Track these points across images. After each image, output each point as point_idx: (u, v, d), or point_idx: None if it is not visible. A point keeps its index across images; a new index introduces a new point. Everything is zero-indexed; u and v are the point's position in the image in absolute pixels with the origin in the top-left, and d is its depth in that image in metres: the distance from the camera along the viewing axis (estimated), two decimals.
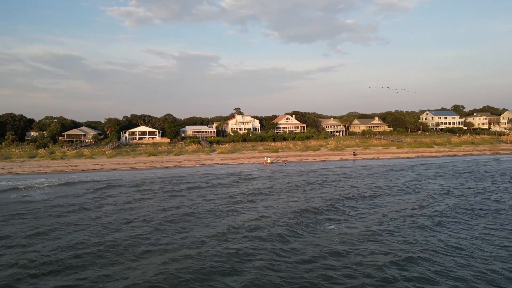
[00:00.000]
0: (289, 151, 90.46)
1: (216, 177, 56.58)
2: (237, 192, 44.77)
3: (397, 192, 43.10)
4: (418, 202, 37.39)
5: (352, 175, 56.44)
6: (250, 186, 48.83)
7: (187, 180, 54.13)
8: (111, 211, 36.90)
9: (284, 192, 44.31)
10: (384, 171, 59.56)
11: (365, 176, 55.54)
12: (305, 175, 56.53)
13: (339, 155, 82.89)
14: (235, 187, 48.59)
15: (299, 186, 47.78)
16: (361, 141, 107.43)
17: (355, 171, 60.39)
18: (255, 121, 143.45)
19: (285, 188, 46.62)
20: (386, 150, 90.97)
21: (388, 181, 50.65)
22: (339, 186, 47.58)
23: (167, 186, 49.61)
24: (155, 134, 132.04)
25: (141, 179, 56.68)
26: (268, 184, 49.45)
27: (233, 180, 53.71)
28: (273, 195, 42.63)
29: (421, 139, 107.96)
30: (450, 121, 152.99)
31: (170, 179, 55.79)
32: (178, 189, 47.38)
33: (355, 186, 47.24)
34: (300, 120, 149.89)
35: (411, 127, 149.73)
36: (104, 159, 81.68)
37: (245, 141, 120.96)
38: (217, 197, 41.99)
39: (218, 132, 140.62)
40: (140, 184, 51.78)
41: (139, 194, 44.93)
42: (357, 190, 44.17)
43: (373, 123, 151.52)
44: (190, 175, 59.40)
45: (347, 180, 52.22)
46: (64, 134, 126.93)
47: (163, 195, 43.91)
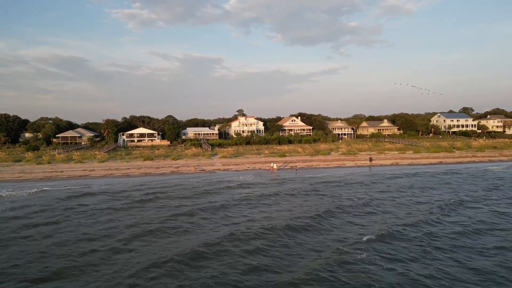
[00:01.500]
0: (297, 156, 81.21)
1: (214, 188, 46.56)
2: (239, 221, 30.47)
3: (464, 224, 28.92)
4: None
5: (380, 187, 46.04)
6: (256, 208, 35.60)
7: (176, 193, 44.77)
8: (65, 227, 28.66)
9: (309, 229, 28.10)
10: (415, 183, 50.02)
11: (399, 190, 44.02)
12: (322, 187, 46.73)
13: (353, 161, 73.57)
14: (235, 208, 35.58)
15: (326, 213, 32.52)
16: (373, 145, 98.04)
17: (379, 181, 50.61)
18: (259, 123, 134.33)
19: (307, 214, 32.26)
20: (403, 154, 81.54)
21: (428, 197, 39.37)
22: (376, 208, 34.25)
23: (152, 198, 40.35)
24: (155, 136, 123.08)
25: (128, 187, 47.42)
26: (283, 206, 36.43)
27: (234, 195, 44.08)
28: (297, 236, 26.49)
29: (437, 143, 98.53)
30: (462, 123, 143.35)
31: (161, 188, 46.44)
32: (160, 204, 37.98)
33: (397, 206, 34.80)
34: (306, 122, 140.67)
35: (422, 130, 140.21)
36: (95, 164, 72.68)
37: (249, 144, 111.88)
38: (206, 231, 28.41)
39: (220, 135, 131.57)
40: (119, 194, 42.62)
41: (109, 208, 35.82)
42: (408, 215, 31.56)
43: (382, 126, 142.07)
44: (184, 184, 49.87)
45: (381, 196, 39.63)
46: (59, 136, 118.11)
47: (135, 210, 35.16)
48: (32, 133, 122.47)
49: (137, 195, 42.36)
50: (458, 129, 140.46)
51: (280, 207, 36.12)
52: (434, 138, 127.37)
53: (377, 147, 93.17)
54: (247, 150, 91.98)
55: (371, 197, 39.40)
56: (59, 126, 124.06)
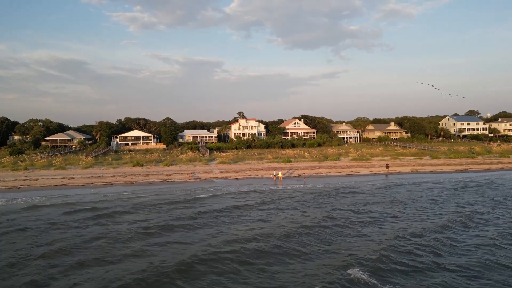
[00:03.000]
0: (304, 161, 71.92)
1: (195, 214, 32.16)
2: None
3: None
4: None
5: (415, 204, 37.36)
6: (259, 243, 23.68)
7: (141, 215, 35.45)
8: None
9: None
10: (453, 197, 40.73)
11: (446, 213, 33.16)
12: (341, 205, 37.68)
13: (366, 167, 64.32)
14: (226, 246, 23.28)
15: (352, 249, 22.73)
16: (384, 149, 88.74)
17: (405, 195, 41.39)
18: (260, 126, 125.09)
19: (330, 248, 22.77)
20: (421, 160, 72.25)
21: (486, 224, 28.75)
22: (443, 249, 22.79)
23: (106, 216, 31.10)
24: (150, 139, 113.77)
25: (98, 199, 38.02)
26: (299, 243, 24.13)
27: (230, 219, 34.75)
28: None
29: (454, 148, 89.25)
30: (473, 127, 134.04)
31: (129, 204, 37.19)
32: (122, 228, 28.39)
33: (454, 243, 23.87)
34: (309, 125, 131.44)
35: (431, 134, 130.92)
36: (78, 171, 63.38)
37: (250, 147, 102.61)
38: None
39: (219, 138, 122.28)
40: (75, 208, 32.89)
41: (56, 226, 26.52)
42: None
43: (389, 129, 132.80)
44: (165, 198, 40.64)
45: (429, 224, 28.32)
46: (48, 139, 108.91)
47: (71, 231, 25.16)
48: (21, 136, 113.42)
49: (94, 212, 33.06)
50: (469, 133, 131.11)
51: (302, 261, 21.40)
52: (446, 142, 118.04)
53: (389, 152, 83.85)
54: (247, 154, 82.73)
55: (423, 228, 26.93)
56: (49, 129, 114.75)
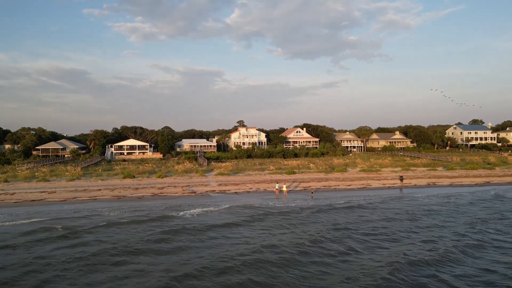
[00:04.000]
0: (309, 173, 65.64)
1: (173, 238, 27.81)
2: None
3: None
4: None
5: (456, 228, 30.90)
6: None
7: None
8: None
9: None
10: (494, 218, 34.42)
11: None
12: (367, 231, 31.42)
13: (378, 179, 58.05)
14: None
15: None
16: (394, 160, 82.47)
17: (437, 214, 35.25)
18: (261, 135, 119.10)
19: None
20: (436, 172, 66.01)
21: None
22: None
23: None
24: (146, 148, 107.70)
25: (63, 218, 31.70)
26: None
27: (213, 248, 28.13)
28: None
29: (467, 158, 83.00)
30: (481, 136, 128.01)
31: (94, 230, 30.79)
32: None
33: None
34: (312, 133, 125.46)
35: (438, 143, 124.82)
36: (62, 183, 57.10)
37: (250, 157, 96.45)
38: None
39: (219, 147, 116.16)
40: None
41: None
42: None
43: (394, 138, 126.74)
44: (142, 216, 34.24)
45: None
46: (39, 148, 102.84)
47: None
48: (12, 145, 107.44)
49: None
50: (477, 142, 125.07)
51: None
52: (454, 152, 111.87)
53: (398, 163, 77.64)
54: (248, 165, 76.48)
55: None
56: (41, 137, 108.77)
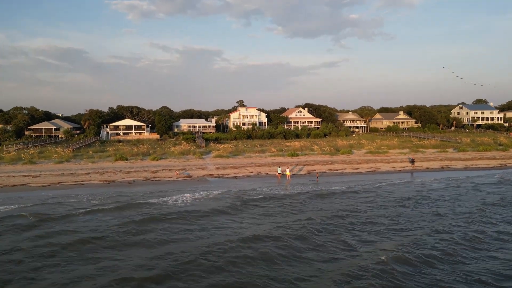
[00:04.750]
0: (312, 155, 61.32)
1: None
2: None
3: None
4: None
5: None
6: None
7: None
8: None
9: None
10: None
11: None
12: (385, 223, 27.18)
13: (386, 162, 53.79)
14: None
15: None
16: (401, 141, 78.06)
17: (471, 212, 31.05)
18: (262, 115, 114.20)
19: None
20: (447, 154, 61.69)
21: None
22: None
23: None
24: (143, 128, 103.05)
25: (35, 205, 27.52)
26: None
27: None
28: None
29: (479, 139, 78.48)
30: (487, 116, 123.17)
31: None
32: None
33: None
34: (314, 114, 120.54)
35: (443, 123, 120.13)
36: (49, 166, 52.85)
37: (250, 138, 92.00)
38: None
39: (218, 127, 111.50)
40: None
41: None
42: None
43: (398, 118, 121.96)
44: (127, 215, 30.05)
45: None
46: (32, 128, 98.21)
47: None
48: (3, 125, 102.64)
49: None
50: (483, 122, 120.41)
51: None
52: (460, 132, 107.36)
53: (405, 144, 73.27)
54: (248, 146, 72.13)
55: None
56: (34, 117, 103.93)
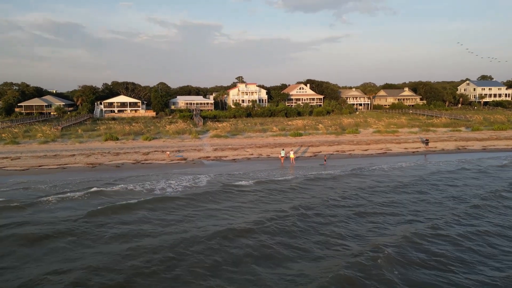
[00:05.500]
0: (317, 135, 56.77)
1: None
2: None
3: None
4: None
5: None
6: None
7: None
8: None
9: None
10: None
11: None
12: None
13: (397, 143, 49.38)
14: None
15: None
16: (409, 119, 73.39)
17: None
18: (262, 91, 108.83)
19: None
20: (461, 133, 57.20)
21: None
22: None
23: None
24: (138, 105, 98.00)
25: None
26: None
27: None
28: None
29: (492, 117, 73.75)
30: (495, 92, 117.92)
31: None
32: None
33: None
34: (316, 90, 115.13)
35: (449, 100, 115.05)
36: (34, 146, 48.39)
37: (250, 116, 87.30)
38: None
39: (216, 105, 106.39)
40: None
41: None
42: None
43: (403, 95, 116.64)
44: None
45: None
46: (22, 105, 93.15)
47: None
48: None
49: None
50: (491, 99, 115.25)
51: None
52: (468, 109, 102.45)
53: (413, 122, 68.70)
54: (248, 125, 67.50)
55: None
56: (25, 93, 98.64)
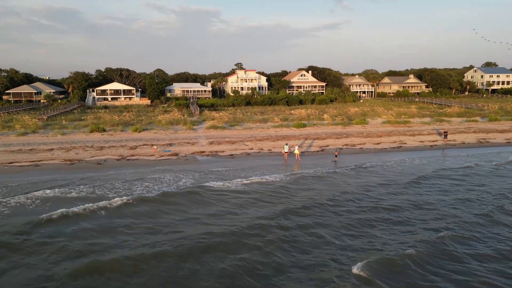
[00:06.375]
0: (322, 126, 51.64)
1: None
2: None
3: None
4: None
5: None
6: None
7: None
8: None
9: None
10: None
11: None
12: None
13: (411, 135, 44.34)
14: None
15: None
16: (419, 108, 68.21)
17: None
18: (262, 78, 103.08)
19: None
20: (478, 124, 52.13)
21: None
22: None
23: None
24: (132, 93, 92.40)
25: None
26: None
27: None
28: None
29: (507, 106, 68.67)
30: (503, 80, 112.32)
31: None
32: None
33: None
34: (318, 77, 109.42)
35: (456, 87, 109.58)
36: (10, 138, 43.29)
37: (249, 104, 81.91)
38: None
39: (214, 92, 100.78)
40: None
41: None
42: None
43: (408, 82, 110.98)
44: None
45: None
46: (10, 92, 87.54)
47: None
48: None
49: None
50: (499, 87, 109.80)
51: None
52: (476, 97, 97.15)
53: (423, 111, 63.61)
54: (247, 115, 62.29)
55: None
56: (14, 80, 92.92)
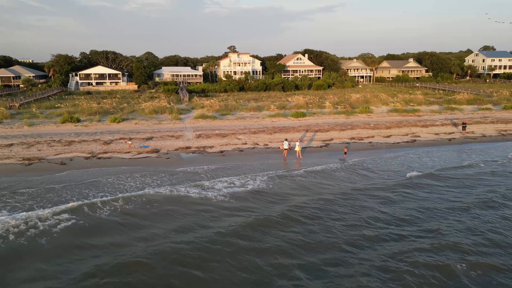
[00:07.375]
0: (323, 115, 45.98)
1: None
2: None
3: None
4: None
5: None
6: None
7: None
8: None
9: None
10: None
11: None
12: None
13: (423, 126, 38.91)
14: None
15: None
16: (424, 94, 62.72)
17: None
18: (256, 62, 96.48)
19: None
20: (493, 113, 46.91)
21: None
22: None
23: None
24: (119, 77, 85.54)
25: None
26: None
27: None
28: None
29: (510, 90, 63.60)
30: (505, 64, 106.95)
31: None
32: None
33: None
34: (314, 61, 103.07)
35: (457, 72, 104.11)
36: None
37: (243, 90, 75.76)
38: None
39: (206, 77, 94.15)
40: None
41: None
42: None
43: (408, 67, 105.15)
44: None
45: None
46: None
47: None
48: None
49: None
50: (501, 71, 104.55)
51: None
52: (479, 83, 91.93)
53: (429, 98, 58.21)
54: (240, 101, 56.33)
55: None
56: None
